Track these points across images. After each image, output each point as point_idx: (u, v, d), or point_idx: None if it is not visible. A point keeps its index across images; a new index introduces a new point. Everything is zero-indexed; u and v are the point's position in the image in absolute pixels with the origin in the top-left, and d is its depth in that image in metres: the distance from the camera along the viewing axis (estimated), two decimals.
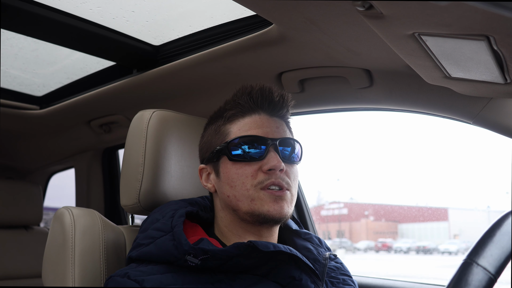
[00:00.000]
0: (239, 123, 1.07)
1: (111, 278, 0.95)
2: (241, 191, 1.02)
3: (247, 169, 1.02)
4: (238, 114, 1.08)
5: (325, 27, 1.12)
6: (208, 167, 1.11)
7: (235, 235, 1.07)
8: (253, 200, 1.01)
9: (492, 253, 0.71)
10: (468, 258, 0.72)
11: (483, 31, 0.81)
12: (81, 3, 1.43)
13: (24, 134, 2.48)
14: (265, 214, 1.01)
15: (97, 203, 2.55)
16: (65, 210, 1.11)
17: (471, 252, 0.73)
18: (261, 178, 1.01)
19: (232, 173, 1.03)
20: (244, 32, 1.40)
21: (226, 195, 1.05)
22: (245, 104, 1.07)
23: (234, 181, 1.03)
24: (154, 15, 1.53)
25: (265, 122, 1.07)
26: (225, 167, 1.05)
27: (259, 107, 1.08)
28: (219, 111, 1.12)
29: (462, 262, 0.72)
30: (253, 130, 1.05)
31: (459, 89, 1.21)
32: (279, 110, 1.09)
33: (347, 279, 1.13)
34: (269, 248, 0.95)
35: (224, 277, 0.95)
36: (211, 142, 1.09)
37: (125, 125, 2.10)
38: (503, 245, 0.72)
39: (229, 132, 1.07)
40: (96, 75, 1.97)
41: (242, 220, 1.05)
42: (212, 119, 1.14)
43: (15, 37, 1.69)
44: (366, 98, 1.50)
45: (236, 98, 1.09)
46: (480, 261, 0.71)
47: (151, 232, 1.01)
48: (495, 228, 0.74)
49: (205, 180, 1.11)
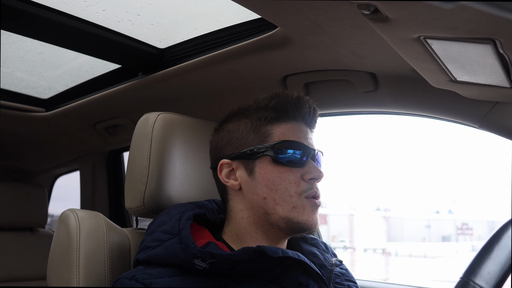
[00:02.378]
0: (281, 127, 1.07)
1: (119, 280, 0.95)
2: (283, 196, 1.01)
3: (290, 175, 1.02)
4: (281, 118, 1.07)
5: (330, 30, 1.12)
6: (234, 163, 1.08)
7: (252, 237, 1.05)
8: (295, 207, 1.01)
9: (490, 271, 0.69)
10: (465, 277, 0.69)
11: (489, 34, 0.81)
12: (87, 6, 1.43)
13: (29, 136, 2.50)
14: (303, 223, 1.01)
15: (102, 205, 2.56)
16: (70, 213, 1.11)
17: (468, 270, 0.70)
18: (305, 187, 1.02)
19: (274, 176, 1.03)
20: (249, 35, 1.40)
21: (261, 196, 1.03)
22: (289, 110, 1.07)
23: (276, 184, 1.02)
24: (159, 18, 1.53)
25: (304, 131, 1.08)
26: (265, 168, 1.04)
27: (300, 116, 1.09)
28: (248, 111, 1.10)
29: (459, 281, 0.70)
30: (296, 137, 1.06)
31: (464, 92, 1.21)
32: (313, 123, 1.12)
33: (352, 285, 1.12)
34: (277, 253, 0.95)
35: (231, 281, 0.94)
36: (246, 139, 1.07)
37: (130, 128, 2.11)
38: (501, 261, 0.69)
39: (270, 134, 1.06)
40: (101, 78, 1.98)
41: (270, 224, 1.03)
42: (240, 115, 1.11)
43: (21, 40, 1.70)
44: (371, 101, 1.49)
45: (279, 102, 1.08)
46: (477, 280, 0.68)
47: (158, 234, 1.01)
48: (493, 242, 0.71)
49: (227, 176, 1.08)
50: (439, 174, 21.76)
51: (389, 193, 24.28)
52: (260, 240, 1.05)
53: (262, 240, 1.05)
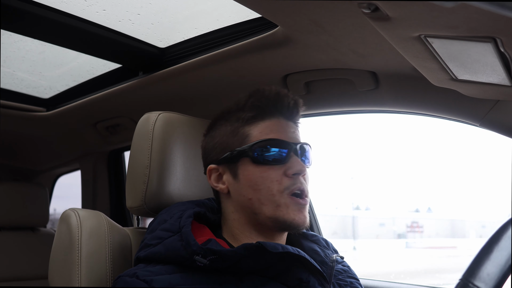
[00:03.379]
0: (259, 126, 1.06)
1: (120, 278, 0.95)
2: (266, 195, 1.01)
3: (272, 173, 1.02)
4: (258, 117, 1.07)
5: (330, 29, 1.12)
6: (221, 167, 1.09)
7: (247, 237, 1.06)
8: (278, 206, 1.01)
9: (489, 272, 0.68)
10: (464, 278, 0.69)
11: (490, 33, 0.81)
12: (88, 5, 1.43)
13: (30, 136, 2.50)
14: (290, 222, 1.01)
15: (103, 205, 2.56)
16: (71, 212, 1.11)
17: (467, 272, 0.69)
18: (287, 183, 1.02)
19: (255, 176, 1.03)
20: (250, 34, 1.40)
21: (247, 197, 1.04)
22: (265, 107, 1.07)
23: (258, 184, 1.02)
24: (159, 17, 1.53)
25: (284, 126, 1.07)
26: (246, 170, 1.04)
27: (278, 111, 1.08)
28: (230, 112, 1.10)
29: (459, 282, 0.69)
30: (275, 134, 1.05)
31: (465, 91, 1.20)
32: (295, 116, 1.10)
33: (354, 282, 1.13)
34: (277, 249, 0.95)
35: (232, 278, 0.95)
36: (228, 143, 1.08)
37: (131, 127, 2.11)
38: (501, 262, 0.69)
39: (248, 135, 1.06)
40: (102, 78, 1.98)
41: (259, 223, 1.04)
42: (221, 119, 1.12)
43: (22, 40, 1.70)
44: (371, 100, 1.49)
45: (254, 101, 1.08)
46: (477, 282, 0.67)
47: (159, 232, 1.01)
48: (492, 243, 0.71)
49: (216, 181, 1.10)
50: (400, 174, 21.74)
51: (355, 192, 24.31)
52: (256, 239, 1.05)
53: (257, 239, 1.05)
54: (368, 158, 23.27)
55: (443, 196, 16.63)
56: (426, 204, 18.48)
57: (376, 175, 22.92)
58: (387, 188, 21.62)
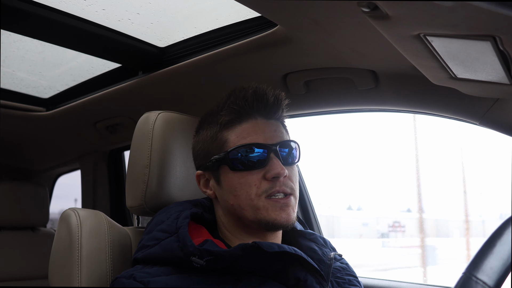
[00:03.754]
0: (236, 130, 1.04)
1: (117, 280, 0.95)
2: (245, 200, 1.01)
3: (250, 178, 1.01)
4: (235, 121, 1.05)
5: (330, 28, 1.12)
6: (206, 173, 1.10)
7: (239, 239, 1.07)
8: (258, 210, 1.00)
9: (492, 266, 0.69)
10: (467, 272, 0.69)
11: (489, 31, 0.81)
12: (87, 5, 1.43)
13: (30, 136, 2.50)
14: (272, 222, 1.00)
15: (103, 204, 2.56)
16: (71, 212, 1.11)
17: (470, 265, 0.70)
18: (265, 187, 1.00)
19: (234, 183, 1.02)
20: (249, 33, 1.40)
21: (229, 203, 1.04)
22: (241, 109, 1.04)
23: (237, 190, 1.02)
24: (159, 17, 1.53)
25: (262, 127, 1.04)
26: (227, 176, 1.04)
27: (255, 111, 1.05)
28: (211, 116, 1.09)
29: (462, 276, 0.70)
30: (252, 137, 1.03)
31: (465, 89, 1.20)
32: (275, 113, 1.07)
33: (352, 280, 1.13)
34: (273, 248, 0.95)
35: (229, 278, 0.95)
36: (208, 149, 1.07)
37: (130, 127, 2.11)
38: (504, 256, 0.69)
39: (226, 140, 1.04)
40: (101, 77, 1.98)
41: (247, 226, 1.05)
42: (204, 122, 1.11)
43: (21, 40, 1.70)
44: (371, 99, 1.49)
45: (231, 103, 1.05)
46: (480, 275, 0.68)
47: (156, 233, 1.01)
48: (495, 238, 0.71)
49: (204, 186, 1.11)
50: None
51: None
52: (248, 240, 1.05)
53: (250, 239, 1.05)
54: (360, 157, 23.00)
55: (428, 196, 16.77)
56: (414, 203, 18.55)
57: (367, 174, 22.71)
58: (377, 187, 21.42)
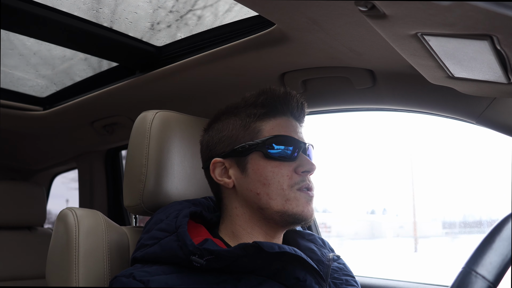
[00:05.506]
0: (271, 123, 1.08)
1: (116, 278, 0.95)
2: (276, 190, 1.02)
3: (283, 169, 1.04)
4: (270, 114, 1.09)
5: (327, 27, 1.12)
6: (227, 161, 1.08)
7: (248, 234, 1.06)
8: (288, 200, 1.02)
9: (491, 261, 0.70)
10: (466, 266, 0.70)
11: (486, 30, 0.81)
12: (84, 4, 1.43)
13: (27, 135, 2.49)
14: (299, 215, 1.03)
15: (100, 204, 2.56)
16: (68, 211, 1.11)
17: (470, 260, 0.71)
18: (297, 179, 1.04)
19: (267, 171, 1.03)
20: (247, 32, 1.40)
21: (255, 192, 1.04)
22: (277, 104, 1.09)
23: (269, 179, 1.03)
24: (156, 16, 1.53)
25: (293, 126, 1.10)
26: (257, 164, 1.05)
27: (288, 110, 1.10)
28: (238, 109, 1.11)
29: (461, 271, 0.70)
30: (286, 131, 1.07)
31: (462, 89, 1.21)
32: (301, 117, 1.14)
33: (350, 280, 1.13)
34: (274, 249, 0.95)
35: (229, 278, 0.95)
36: (238, 136, 1.08)
37: (128, 126, 2.10)
38: (503, 251, 0.70)
39: (261, 130, 1.07)
40: (99, 76, 1.98)
41: (266, 218, 1.05)
42: (229, 114, 1.12)
43: (18, 38, 1.70)
44: (368, 98, 1.50)
45: (267, 98, 1.09)
46: (479, 270, 0.69)
47: (155, 232, 1.01)
48: (494, 233, 0.72)
49: (220, 175, 1.09)
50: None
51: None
52: (256, 236, 1.06)
53: (258, 236, 1.06)
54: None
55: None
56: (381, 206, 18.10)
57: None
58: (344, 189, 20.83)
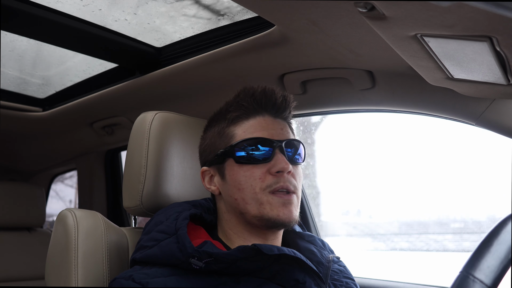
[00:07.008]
0: (243, 125, 1.06)
1: (115, 280, 0.95)
2: (249, 194, 1.01)
3: (255, 172, 1.01)
4: (242, 116, 1.06)
5: (327, 28, 1.12)
6: (211, 169, 1.10)
7: (240, 238, 1.06)
8: (262, 204, 1.00)
9: (489, 265, 0.69)
10: (464, 271, 0.69)
11: (486, 32, 0.81)
12: (84, 5, 1.43)
13: (27, 136, 2.49)
14: (274, 219, 1.00)
15: (99, 205, 2.56)
16: (67, 212, 1.11)
17: (468, 264, 0.70)
18: (270, 181, 1.01)
19: (239, 176, 1.02)
20: (246, 33, 1.40)
21: (233, 198, 1.04)
22: (249, 106, 1.06)
23: (242, 184, 1.02)
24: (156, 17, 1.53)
25: (269, 124, 1.06)
26: (232, 170, 1.04)
27: (263, 108, 1.07)
28: (220, 113, 1.11)
29: (459, 275, 0.70)
30: (259, 132, 1.04)
31: (461, 90, 1.21)
32: (282, 112, 1.09)
33: (350, 282, 1.12)
34: (273, 251, 0.95)
35: (228, 280, 0.94)
36: (215, 144, 1.08)
37: (127, 127, 2.10)
38: (501, 255, 0.69)
39: (233, 135, 1.06)
40: (98, 77, 1.98)
41: (249, 223, 1.04)
42: (213, 121, 1.12)
43: (18, 39, 1.70)
44: (368, 99, 1.50)
45: (239, 100, 1.08)
46: (477, 274, 0.68)
47: (155, 234, 1.01)
48: (492, 237, 0.71)
49: (208, 183, 1.10)
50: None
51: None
52: (249, 239, 1.05)
53: (250, 239, 1.05)
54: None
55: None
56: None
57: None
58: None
